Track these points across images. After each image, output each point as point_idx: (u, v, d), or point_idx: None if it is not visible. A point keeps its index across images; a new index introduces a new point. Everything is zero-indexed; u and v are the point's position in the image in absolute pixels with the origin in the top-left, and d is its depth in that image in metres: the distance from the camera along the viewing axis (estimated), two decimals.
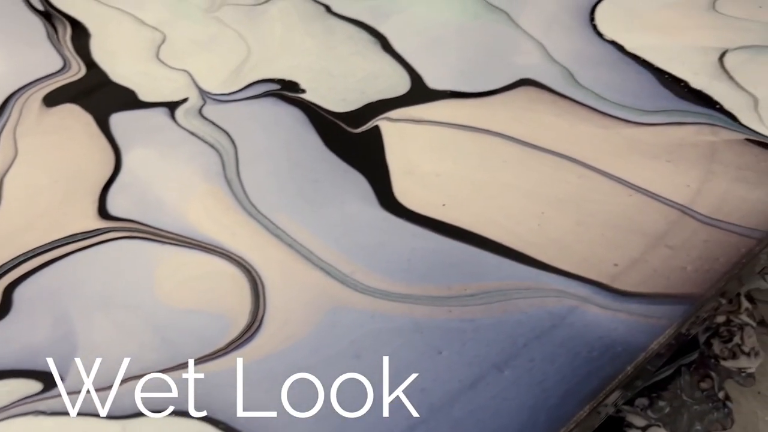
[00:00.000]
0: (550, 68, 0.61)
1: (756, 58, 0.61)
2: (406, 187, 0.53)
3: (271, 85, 0.60)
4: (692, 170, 0.53)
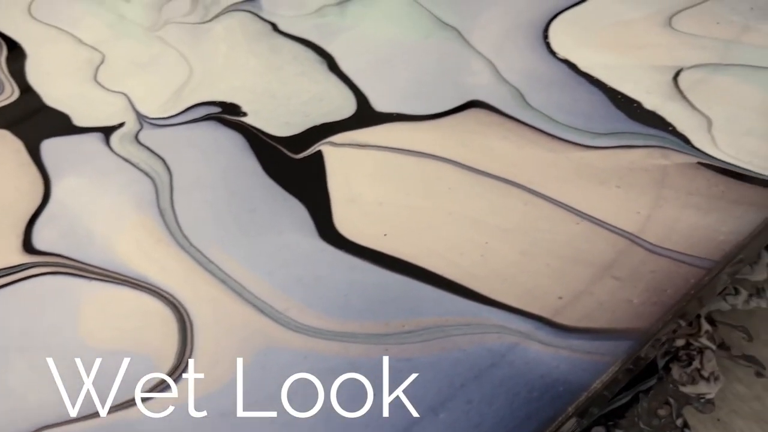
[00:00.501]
0: (500, 89, 0.59)
1: (711, 78, 0.59)
2: (347, 216, 0.51)
3: (211, 108, 0.58)
4: (642, 196, 0.51)
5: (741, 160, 0.53)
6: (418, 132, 0.56)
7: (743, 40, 0.62)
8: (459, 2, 0.66)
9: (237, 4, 0.67)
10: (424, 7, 0.66)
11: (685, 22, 0.64)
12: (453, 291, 0.47)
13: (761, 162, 0.53)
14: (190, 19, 0.66)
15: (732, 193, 0.52)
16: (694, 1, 0.66)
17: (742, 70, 0.60)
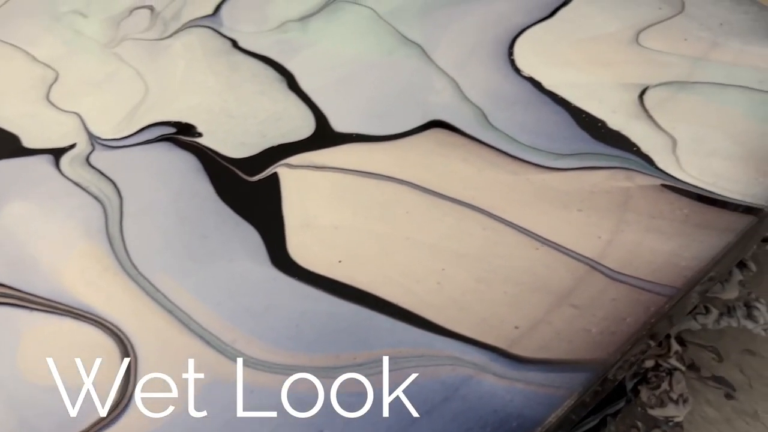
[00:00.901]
0: (463, 108, 0.58)
1: (677, 96, 0.58)
2: (302, 241, 0.50)
3: (166, 129, 0.57)
4: (604, 220, 0.50)
5: (705, 182, 0.52)
6: (378, 153, 0.55)
7: (711, 57, 0.61)
8: (424, 18, 0.65)
9: (197, 20, 0.66)
10: (388, 23, 0.65)
11: (652, 38, 0.63)
12: (407, 321, 0.45)
13: (725, 184, 0.52)
14: (148, 36, 0.64)
15: (695, 217, 0.51)
16: (663, 17, 0.65)
17: (709, 88, 0.59)
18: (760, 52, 0.62)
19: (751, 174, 0.53)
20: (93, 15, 0.66)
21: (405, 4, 0.67)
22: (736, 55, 0.61)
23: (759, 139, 0.55)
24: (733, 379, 0.64)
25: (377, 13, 0.66)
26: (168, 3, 0.67)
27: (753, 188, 0.52)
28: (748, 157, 0.54)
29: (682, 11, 0.66)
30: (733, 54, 0.61)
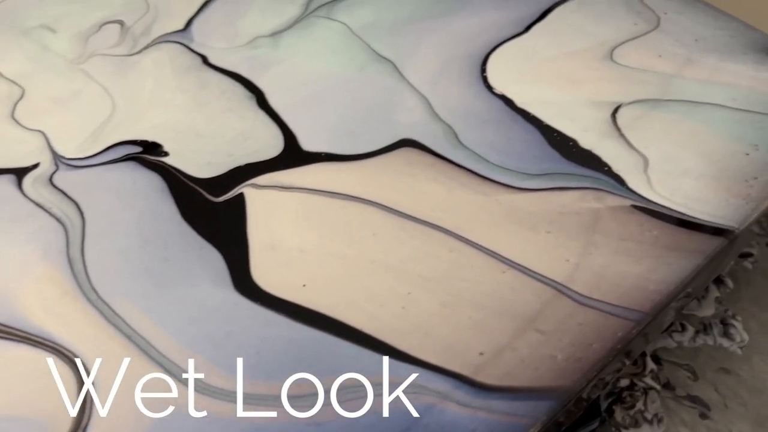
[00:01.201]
0: (433, 126, 0.57)
1: (650, 114, 0.58)
2: (266, 265, 0.49)
3: (132, 148, 0.56)
4: (572, 242, 0.50)
5: (676, 202, 0.52)
6: (346, 173, 0.54)
7: (685, 74, 0.61)
8: (397, 33, 0.65)
9: (168, 35, 0.65)
10: (360, 39, 0.64)
11: (627, 54, 0.63)
12: (371, 347, 0.45)
13: (696, 205, 0.52)
14: (117, 51, 0.64)
15: (665, 239, 0.50)
16: (638, 32, 0.65)
17: (682, 106, 0.58)
18: (735, 69, 0.61)
19: (722, 195, 0.52)
20: (62, 30, 0.66)
21: (378, 20, 0.66)
22: (710, 72, 0.61)
23: (730, 158, 0.54)
24: (708, 398, 0.63)
25: (350, 28, 0.65)
26: (139, 18, 0.67)
27: (723, 209, 0.51)
28: (719, 177, 0.53)
29: (658, 27, 0.65)
30: (707, 71, 0.61)
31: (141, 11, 0.67)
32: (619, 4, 0.67)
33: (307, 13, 0.67)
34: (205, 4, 0.68)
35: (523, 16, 0.66)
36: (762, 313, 0.68)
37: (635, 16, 0.66)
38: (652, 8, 0.67)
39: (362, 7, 0.67)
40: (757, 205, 0.52)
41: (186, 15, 0.67)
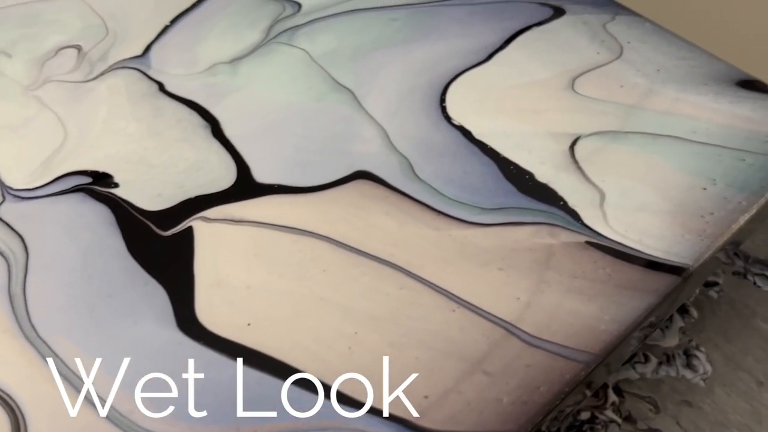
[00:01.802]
0: (390, 158, 0.56)
1: (609, 146, 0.57)
2: (211, 302, 0.48)
3: (82, 178, 0.55)
4: (524, 280, 0.49)
5: (630, 239, 0.51)
6: (299, 206, 0.53)
7: (645, 105, 0.61)
8: (358, 61, 0.64)
9: (125, 61, 0.64)
10: (320, 67, 0.63)
11: (588, 84, 0.62)
12: (314, 390, 0.44)
13: (651, 241, 0.51)
14: (72, 77, 0.63)
15: (618, 276, 0.49)
16: (600, 62, 0.64)
17: (642, 138, 0.58)
18: (695, 100, 0.61)
19: (678, 230, 0.52)
20: (18, 55, 0.65)
21: (340, 47, 0.65)
22: (670, 104, 0.61)
23: (687, 193, 0.54)
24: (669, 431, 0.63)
25: (310, 55, 0.65)
26: (96, 43, 0.66)
27: (678, 246, 0.51)
28: (675, 212, 0.53)
29: (621, 56, 0.65)
30: (667, 102, 0.61)
31: (100, 36, 0.67)
32: (583, 33, 0.67)
33: (267, 39, 0.66)
34: (165, 29, 0.67)
35: (486, 44, 0.66)
36: (726, 345, 0.68)
37: (599, 45, 0.66)
38: (616, 37, 0.67)
39: (324, 33, 0.67)
40: (713, 242, 0.51)
41: (145, 40, 0.66)
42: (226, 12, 0.69)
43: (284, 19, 0.68)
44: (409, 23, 0.67)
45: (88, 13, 0.69)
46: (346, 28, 0.67)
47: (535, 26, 0.68)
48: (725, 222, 0.53)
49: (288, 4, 0.69)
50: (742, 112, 0.60)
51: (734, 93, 0.61)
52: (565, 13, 0.69)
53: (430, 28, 0.67)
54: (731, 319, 0.70)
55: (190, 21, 0.68)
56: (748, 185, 0.54)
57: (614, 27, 0.68)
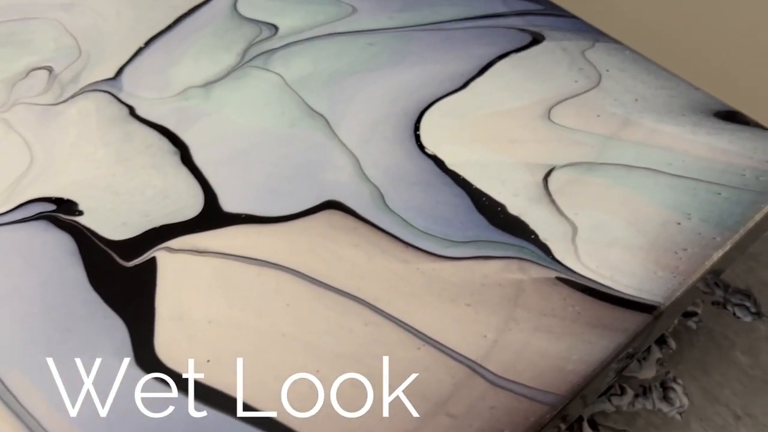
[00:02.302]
0: (361, 188, 0.56)
1: (583, 178, 0.57)
2: (171, 337, 0.47)
3: (46, 205, 0.54)
4: (492, 316, 0.48)
5: (601, 275, 0.50)
6: (266, 236, 0.52)
7: (622, 135, 0.60)
8: (332, 87, 0.63)
9: (97, 84, 0.63)
10: (294, 92, 0.63)
11: (565, 113, 0.62)
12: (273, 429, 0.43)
13: (622, 278, 0.50)
14: (42, 100, 0.62)
15: (588, 314, 0.49)
16: (578, 90, 0.64)
17: (616, 170, 0.57)
18: (672, 131, 0.60)
19: (650, 267, 0.51)
20: None
21: (315, 71, 0.65)
22: (647, 134, 0.60)
23: (661, 227, 0.53)
24: None
25: (285, 80, 0.64)
26: (68, 64, 0.65)
27: (650, 283, 0.50)
28: (648, 247, 0.52)
29: (599, 85, 0.64)
30: (644, 133, 0.60)
31: (72, 57, 0.66)
32: (561, 60, 0.66)
33: (242, 63, 0.65)
34: (139, 51, 0.66)
35: (462, 71, 0.65)
36: (704, 377, 0.67)
37: (577, 72, 0.65)
38: (595, 64, 0.66)
39: (300, 57, 0.66)
40: (685, 279, 0.51)
41: (118, 62, 0.65)
42: (202, 33, 0.68)
43: (260, 42, 0.67)
44: (386, 48, 0.67)
45: (62, 34, 0.68)
46: (322, 52, 0.66)
47: (513, 53, 0.67)
48: (698, 258, 0.52)
49: (265, 27, 0.69)
50: (720, 145, 0.59)
51: (712, 124, 0.61)
52: (544, 39, 0.68)
53: (406, 53, 0.66)
54: (710, 351, 0.69)
55: (164, 43, 0.67)
56: (723, 220, 0.54)
57: (593, 54, 0.67)
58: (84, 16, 0.69)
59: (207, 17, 0.70)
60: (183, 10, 0.71)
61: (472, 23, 0.70)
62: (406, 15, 0.70)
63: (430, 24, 0.70)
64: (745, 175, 0.57)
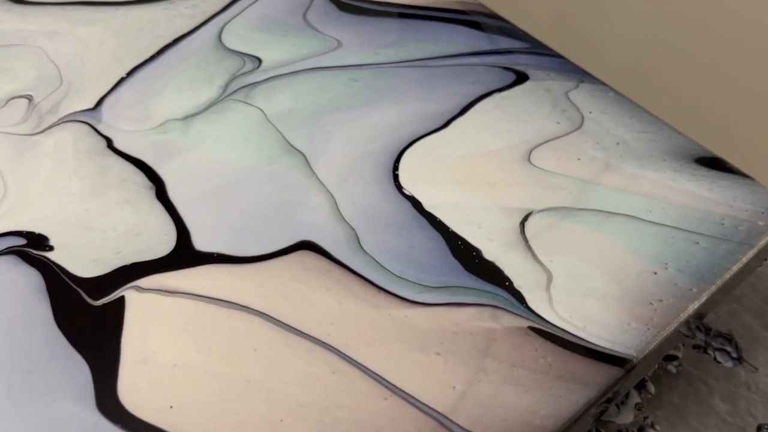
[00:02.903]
0: (336, 228, 0.55)
1: (560, 224, 0.56)
2: (134, 381, 0.46)
3: (16, 240, 0.53)
4: (462, 366, 0.47)
5: (574, 325, 0.50)
6: (237, 277, 0.52)
7: (601, 180, 0.59)
8: (313, 123, 0.63)
9: (75, 114, 0.63)
10: (274, 127, 0.62)
11: (545, 156, 0.61)
12: None
13: (595, 329, 0.50)
14: (20, 130, 0.61)
15: (559, 366, 0.48)
16: (560, 132, 0.63)
17: (595, 216, 0.57)
18: (653, 176, 0.60)
19: (624, 318, 0.50)
20: None
21: (296, 107, 0.64)
22: (627, 180, 0.60)
23: (637, 277, 0.53)
24: None
25: (266, 115, 0.64)
26: (48, 93, 0.65)
27: (623, 335, 0.50)
28: (623, 297, 0.52)
29: (581, 127, 0.64)
30: (624, 178, 0.60)
31: (53, 86, 0.65)
32: (544, 101, 0.66)
33: (224, 96, 0.65)
34: (121, 81, 0.66)
35: (444, 110, 0.65)
36: (682, 424, 0.66)
37: (559, 114, 0.65)
38: (578, 106, 0.66)
39: (282, 92, 0.66)
40: (659, 332, 0.50)
41: (98, 92, 0.65)
42: (185, 65, 0.68)
43: (243, 75, 0.67)
44: (369, 84, 0.67)
45: (44, 61, 0.68)
46: (304, 87, 0.66)
47: (496, 92, 0.67)
48: (673, 310, 0.51)
49: (248, 60, 0.69)
50: (700, 192, 0.59)
51: (693, 170, 0.60)
52: (528, 78, 0.68)
53: (389, 90, 0.66)
54: (689, 396, 0.68)
55: (147, 73, 0.67)
56: (699, 271, 0.53)
57: (577, 95, 0.67)
58: (67, 45, 0.69)
59: (191, 48, 0.70)
60: (167, 40, 0.71)
61: (457, 60, 0.70)
62: (391, 51, 0.70)
63: (414, 60, 0.69)
64: (724, 224, 0.56)
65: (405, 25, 0.73)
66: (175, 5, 0.74)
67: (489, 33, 0.73)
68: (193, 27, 0.72)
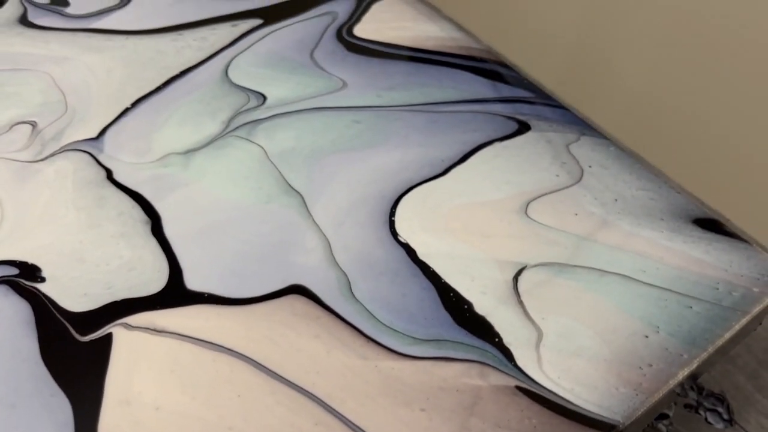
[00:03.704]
0: (328, 273, 0.55)
1: (554, 280, 0.56)
2: (115, 422, 0.46)
3: (9, 269, 0.54)
4: (446, 425, 0.47)
5: (562, 387, 0.49)
6: (226, 319, 0.52)
7: (598, 237, 0.59)
8: (313, 164, 0.63)
9: (78, 143, 0.63)
10: (274, 166, 0.63)
11: (542, 209, 0.61)
12: None
13: (582, 391, 0.49)
14: (22, 156, 0.62)
15: (544, 428, 0.47)
16: (558, 186, 0.63)
17: (589, 274, 0.57)
18: (649, 236, 0.60)
19: (612, 381, 0.50)
20: None
21: (298, 146, 0.65)
22: (623, 238, 0.59)
23: (627, 340, 0.52)
24: None
25: (267, 153, 0.64)
26: (52, 120, 0.65)
27: (611, 399, 0.49)
28: (612, 360, 0.51)
29: (580, 181, 0.64)
30: (620, 236, 0.60)
31: (58, 113, 0.66)
32: (545, 153, 0.66)
33: (226, 132, 0.65)
34: (125, 111, 0.67)
35: (444, 157, 0.65)
36: None
37: (559, 167, 0.65)
38: (578, 159, 0.66)
39: (284, 131, 0.66)
40: (647, 398, 0.50)
41: (102, 122, 0.65)
42: (189, 98, 0.68)
43: (247, 111, 0.68)
44: (371, 127, 0.67)
45: (51, 87, 0.68)
46: (307, 127, 0.67)
47: (497, 141, 0.67)
48: (663, 376, 0.51)
49: (253, 96, 0.69)
50: (695, 254, 0.58)
51: (690, 231, 0.60)
52: (530, 129, 0.68)
53: (390, 134, 0.66)
54: None
55: (151, 105, 0.68)
56: (691, 336, 0.53)
57: (578, 148, 0.67)
58: (75, 72, 0.70)
59: (197, 81, 0.70)
60: (175, 72, 0.71)
61: (460, 107, 0.70)
62: (394, 94, 0.71)
63: (417, 105, 0.70)
64: (718, 289, 0.56)
65: (411, 69, 0.73)
66: (183, 37, 0.75)
67: (494, 80, 0.73)
68: (201, 60, 0.72)
